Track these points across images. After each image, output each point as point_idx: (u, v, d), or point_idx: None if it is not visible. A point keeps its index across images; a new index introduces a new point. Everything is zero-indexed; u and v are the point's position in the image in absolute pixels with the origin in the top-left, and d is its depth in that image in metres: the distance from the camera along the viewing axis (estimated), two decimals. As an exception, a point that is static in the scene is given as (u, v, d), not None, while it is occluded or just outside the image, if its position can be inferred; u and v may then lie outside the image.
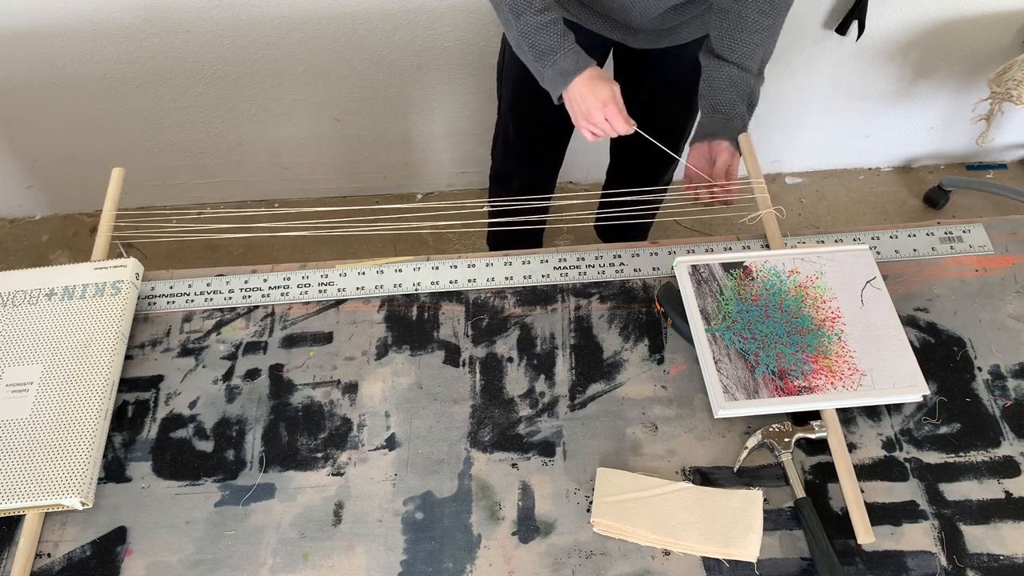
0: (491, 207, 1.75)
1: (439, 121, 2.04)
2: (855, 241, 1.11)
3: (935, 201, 2.23)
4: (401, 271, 1.11)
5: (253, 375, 1.02)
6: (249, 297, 1.09)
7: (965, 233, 1.12)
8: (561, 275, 1.09)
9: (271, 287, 1.09)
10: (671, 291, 1.04)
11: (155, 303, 1.08)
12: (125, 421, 0.98)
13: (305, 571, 0.87)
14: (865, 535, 0.85)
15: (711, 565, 0.85)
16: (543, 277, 1.09)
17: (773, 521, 0.88)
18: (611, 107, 1.09)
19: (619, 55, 1.46)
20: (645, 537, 0.87)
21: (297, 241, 2.12)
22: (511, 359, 1.02)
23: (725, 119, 1.16)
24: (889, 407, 0.96)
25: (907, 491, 0.90)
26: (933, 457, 0.92)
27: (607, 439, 0.95)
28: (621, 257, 1.11)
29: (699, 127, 1.20)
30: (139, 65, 1.80)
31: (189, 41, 1.76)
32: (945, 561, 0.85)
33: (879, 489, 0.90)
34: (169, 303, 1.08)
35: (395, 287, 1.09)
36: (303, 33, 1.76)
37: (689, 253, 1.09)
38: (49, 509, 0.90)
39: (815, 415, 0.94)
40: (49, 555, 0.88)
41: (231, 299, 1.09)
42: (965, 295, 1.06)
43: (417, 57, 1.84)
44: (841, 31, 1.84)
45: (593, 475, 0.92)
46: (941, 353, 1.01)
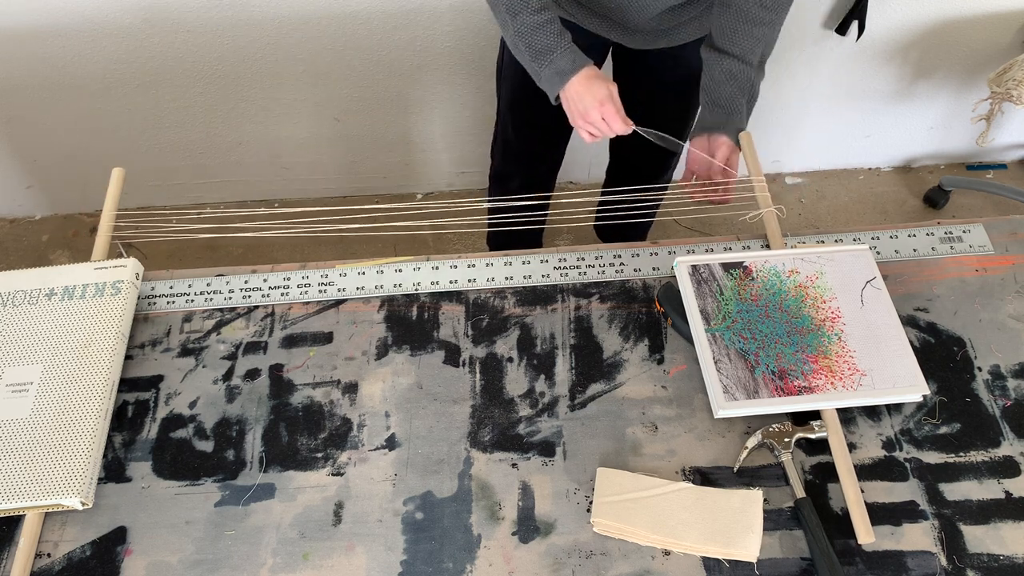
0: (491, 207, 1.75)
1: (439, 121, 2.04)
2: (855, 241, 1.11)
3: (935, 201, 2.23)
4: (401, 271, 1.11)
5: (253, 375, 1.02)
6: (249, 297, 1.09)
7: (965, 233, 1.12)
8: (561, 275, 1.09)
9: (271, 287, 1.09)
10: (671, 291, 1.04)
11: (155, 303, 1.08)
12: (125, 421, 0.98)
13: (305, 571, 0.87)
14: (865, 535, 0.85)
15: (711, 565, 0.85)
16: (543, 277, 1.09)
17: (773, 521, 0.88)
18: (608, 106, 1.08)
19: (617, 56, 1.46)
20: (645, 537, 0.87)
21: (297, 241, 2.12)
22: (511, 359, 1.02)
23: (725, 113, 1.16)
24: (889, 407, 0.96)
25: (907, 491, 0.90)
26: (933, 457, 0.92)
27: (607, 439, 0.95)
28: (621, 257, 1.11)
29: (699, 121, 1.20)
30: (139, 65, 1.80)
31: (189, 41, 1.76)
32: (945, 561, 0.85)
33: (879, 489, 0.90)
34: (169, 303, 1.08)
35: (395, 287, 1.09)
36: (303, 33, 1.76)
37: (689, 253, 1.09)
38: (49, 509, 0.90)
39: (815, 415, 0.94)
40: (49, 555, 0.88)
41: (231, 299, 1.09)
42: (965, 295, 1.06)
43: (417, 57, 1.84)
44: (841, 31, 1.84)
45: (593, 475, 0.92)
46: (941, 353, 1.01)
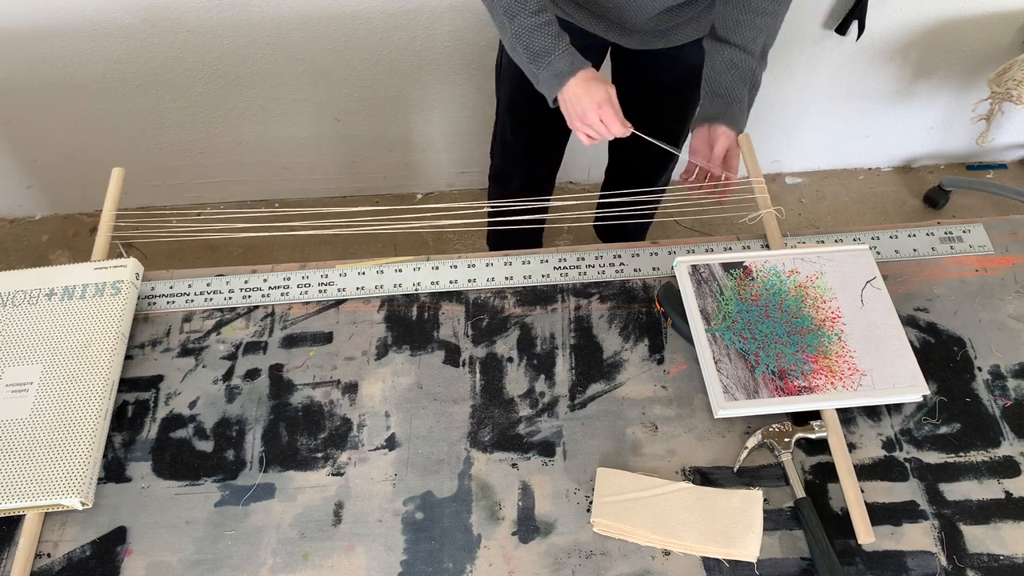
0: (491, 207, 1.75)
1: (439, 121, 2.04)
2: (855, 241, 1.11)
3: (935, 201, 2.23)
4: (401, 271, 1.11)
5: (253, 375, 1.02)
6: (249, 297, 1.09)
7: (965, 233, 1.12)
8: (561, 275, 1.09)
9: (271, 287, 1.09)
10: (671, 291, 1.04)
11: (155, 303, 1.08)
12: (125, 421, 0.98)
13: (305, 571, 0.87)
14: (865, 535, 0.85)
15: (711, 565, 0.85)
16: (543, 277, 1.09)
17: (773, 521, 0.88)
18: (606, 108, 1.08)
19: (616, 56, 1.46)
20: (645, 537, 0.87)
21: (297, 241, 2.12)
22: (511, 359, 1.02)
23: (724, 103, 1.16)
24: (889, 407, 0.96)
25: (907, 491, 0.90)
26: (933, 457, 0.92)
27: (607, 439, 0.95)
28: (621, 257, 1.11)
29: (700, 111, 1.20)
30: (139, 65, 1.80)
31: (189, 41, 1.76)
32: (945, 561, 0.85)
33: (879, 489, 0.90)
34: (169, 303, 1.08)
35: (395, 287, 1.09)
36: (303, 33, 1.76)
37: (689, 253, 1.09)
38: (49, 509, 0.90)
39: (815, 415, 0.94)
40: (49, 555, 0.88)
41: (231, 299, 1.09)
42: (965, 295, 1.06)
43: (417, 57, 1.84)
44: (841, 31, 1.84)
45: (593, 475, 0.92)
46: (941, 353, 1.01)
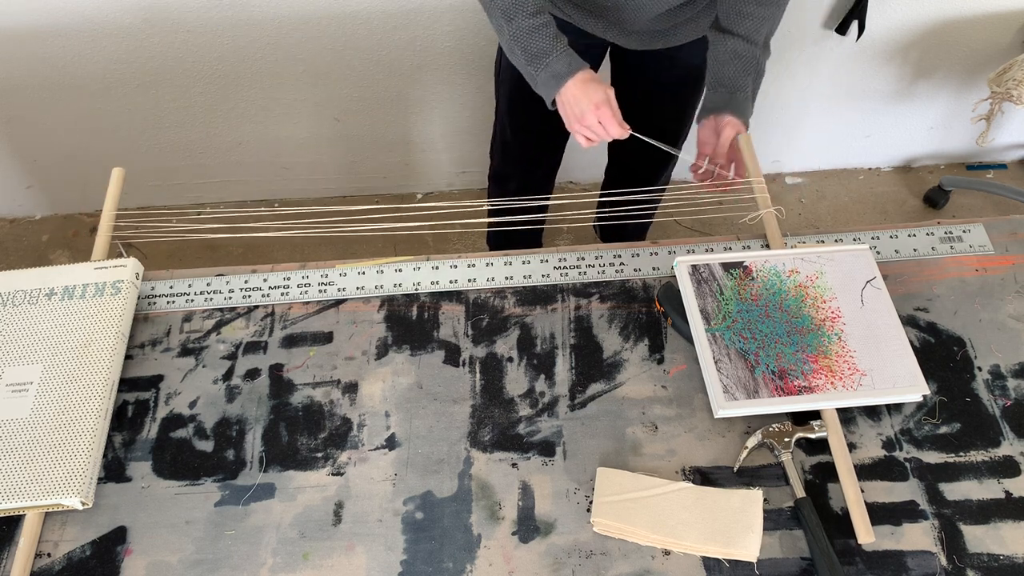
0: (491, 207, 1.75)
1: (439, 121, 2.04)
2: (855, 241, 1.11)
3: (935, 201, 2.23)
4: (401, 271, 1.11)
5: (253, 375, 1.02)
6: (249, 297, 1.09)
7: (965, 233, 1.12)
8: (561, 275, 1.09)
9: (271, 287, 1.09)
10: (671, 291, 1.04)
11: (155, 303, 1.08)
12: (125, 421, 0.98)
13: (305, 571, 0.87)
14: (865, 535, 0.85)
15: (711, 565, 0.85)
16: (543, 277, 1.09)
17: (773, 521, 0.88)
18: (605, 109, 1.08)
19: (615, 57, 1.46)
20: (645, 537, 0.87)
21: (297, 241, 2.11)
22: (511, 359, 1.02)
23: (728, 92, 1.16)
24: (889, 407, 0.96)
25: (907, 491, 0.90)
26: (933, 457, 0.92)
27: (607, 439, 0.95)
28: (621, 257, 1.11)
29: (705, 102, 1.20)
30: (139, 65, 1.80)
31: (189, 41, 1.76)
32: (945, 561, 0.85)
33: (879, 489, 0.90)
34: (169, 303, 1.08)
35: (395, 287, 1.09)
36: (303, 33, 1.76)
37: (689, 253, 1.09)
38: (49, 509, 0.90)
39: (815, 415, 0.94)
40: (49, 555, 0.88)
41: (231, 299, 1.09)
42: (965, 295, 1.06)
43: (417, 57, 1.84)
44: (841, 31, 1.84)
45: (593, 475, 0.92)
46: (941, 353, 1.01)
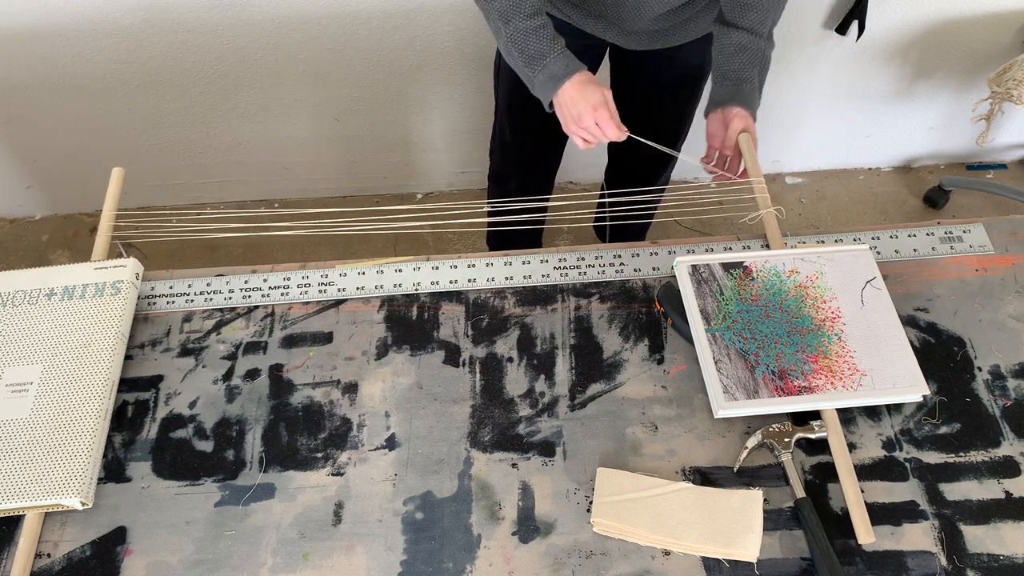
0: (490, 207, 1.75)
1: (439, 121, 2.04)
2: (855, 241, 1.11)
3: (935, 201, 2.23)
4: (401, 271, 1.11)
5: (253, 375, 1.02)
6: (249, 297, 1.09)
7: (965, 233, 1.12)
8: (561, 275, 1.09)
9: (271, 287, 1.09)
10: (671, 291, 1.04)
11: (155, 303, 1.08)
12: (125, 421, 0.98)
13: (305, 571, 0.87)
14: (865, 535, 0.85)
15: (711, 565, 0.85)
16: (543, 277, 1.09)
17: (773, 521, 0.88)
18: (602, 111, 1.07)
19: (614, 57, 1.46)
20: (645, 537, 0.87)
21: (297, 241, 2.11)
22: (511, 359, 1.02)
23: (733, 85, 1.16)
24: (889, 407, 0.96)
25: (907, 491, 0.90)
26: (933, 457, 0.92)
27: (607, 439, 0.95)
28: (621, 257, 1.11)
29: (711, 96, 1.20)
30: (139, 65, 1.80)
31: (189, 41, 1.76)
32: (945, 561, 0.85)
33: (879, 489, 0.90)
34: (169, 303, 1.08)
35: (395, 287, 1.09)
36: (303, 33, 1.76)
37: (689, 253, 1.09)
38: (49, 509, 0.90)
39: (815, 415, 0.94)
40: (49, 555, 0.88)
41: (231, 299, 1.09)
42: (965, 295, 1.06)
43: (417, 57, 1.84)
44: (841, 31, 1.84)
45: (593, 475, 0.92)
46: (941, 353, 1.01)
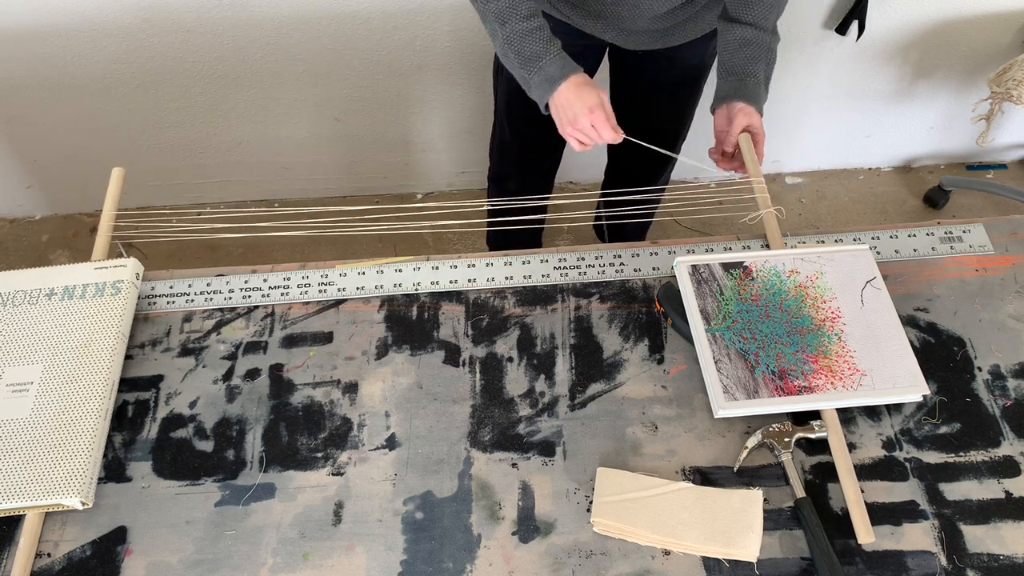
0: (490, 207, 1.75)
1: (439, 121, 2.04)
2: (855, 241, 1.11)
3: (935, 201, 2.23)
4: (401, 271, 1.11)
5: (253, 375, 1.02)
6: (249, 297, 1.09)
7: (965, 233, 1.12)
8: (561, 275, 1.09)
9: (271, 287, 1.09)
10: (671, 291, 1.04)
11: (155, 303, 1.08)
12: (125, 421, 0.98)
13: (305, 571, 0.87)
14: (865, 535, 0.85)
15: (711, 565, 0.85)
16: (543, 277, 1.09)
17: (773, 521, 0.88)
18: (598, 113, 1.07)
19: (613, 57, 1.46)
20: (645, 537, 0.87)
21: (297, 241, 2.12)
22: (511, 359, 1.02)
23: (738, 80, 1.16)
24: (889, 407, 0.96)
25: (907, 491, 0.90)
26: (933, 457, 0.92)
27: (607, 439, 0.95)
28: (621, 257, 1.11)
29: (716, 92, 1.20)
30: (139, 65, 1.80)
31: (189, 41, 1.76)
32: (945, 561, 0.85)
33: (879, 489, 0.90)
34: (169, 303, 1.08)
35: (395, 287, 1.09)
36: (303, 33, 1.76)
37: (689, 253, 1.09)
38: (49, 509, 0.90)
39: (815, 415, 0.94)
40: (49, 555, 0.88)
41: (231, 299, 1.09)
42: (965, 295, 1.06)
43: (417, 57, 1.84)
44: (841, 31, 1.84)
45: (593, 475, 0.92)
46: (941, 353, 1.01)
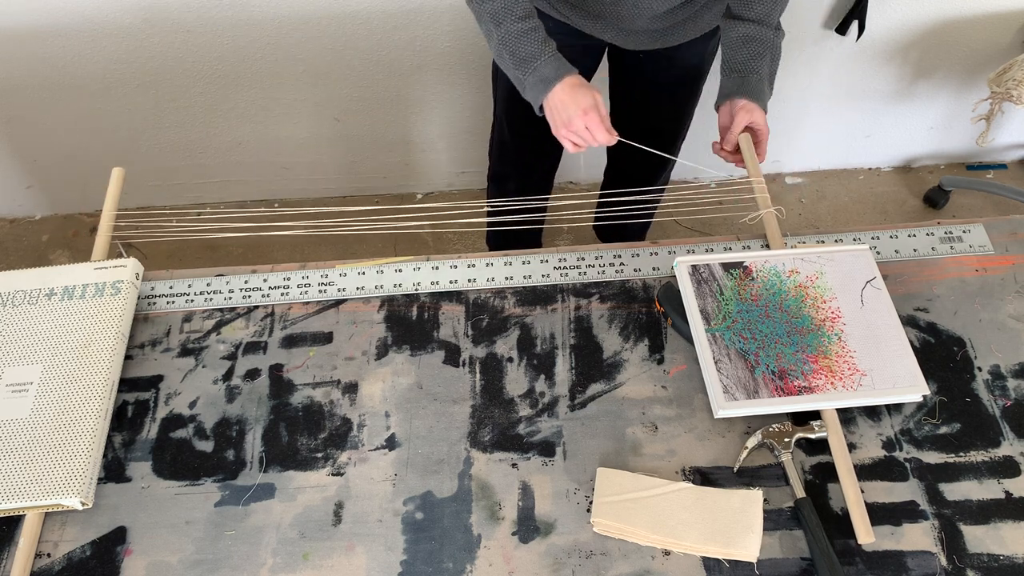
0: (490, 207, 1.75)
1: (439, 121, 2.04)
2: (855, 241, 1.11)
3: (935, 201, 2.23)
4: (401, 271, 1.11)
5: (253, 375, 1.02)
6: (249, 297, 1.09)
7: (965, 233, 1.12)
8: (561, 275, 1.09)
9: (271, 287, 1.09)
10: (671, 291, 1.04)
11: (155, 303, 1.08)
12: (125, 421, 0.98)
13: (305, 571, 0.87)
14: (865, 535, 0.85)
15: (711, 565, 0.85)
16: (543, 277, 1.09)
17: (773, 521, 0.88)
18: (592, 115, 1.07)
19: (613, 57, 1.46)
20: (645, 537, 0.87)
21: (297, 241, 2.11)
22: (511, 359, 1.02)
23: (741, 77, 1.16)
24: (889, 407, 0.96)
25: (907, 491, 0.90)
26: (933, 457, 0.92)
27: (607, 439, 0.95)
28: (621, 257, 1.11)
29: (720, 90, 1.20)
30: (139, 65, 1.80)
31: (189, 41, 1.76)
32: (945, 561, 0.85)
33: (879, 489, 0.90)
34: (169, 303, 1.08)
35: (395, 287, 1.09)
36: (303, 33, 1.76)
37: (689, 253, 1.09)
38: (49, 509, 0.90)
39: (815, 415, 0.94)
40: (49, 555, 0.88)
41: (231, 299, 1.09)
42: (965, 295, 1.06)
43: (417, 57, 1.84)
44: (841, 31, 1.84)
45: (593, 475, 0.92)
46: (941, 353, 1.01)
